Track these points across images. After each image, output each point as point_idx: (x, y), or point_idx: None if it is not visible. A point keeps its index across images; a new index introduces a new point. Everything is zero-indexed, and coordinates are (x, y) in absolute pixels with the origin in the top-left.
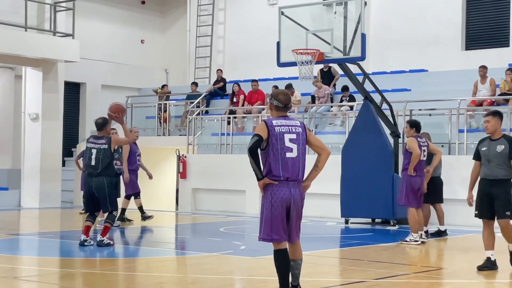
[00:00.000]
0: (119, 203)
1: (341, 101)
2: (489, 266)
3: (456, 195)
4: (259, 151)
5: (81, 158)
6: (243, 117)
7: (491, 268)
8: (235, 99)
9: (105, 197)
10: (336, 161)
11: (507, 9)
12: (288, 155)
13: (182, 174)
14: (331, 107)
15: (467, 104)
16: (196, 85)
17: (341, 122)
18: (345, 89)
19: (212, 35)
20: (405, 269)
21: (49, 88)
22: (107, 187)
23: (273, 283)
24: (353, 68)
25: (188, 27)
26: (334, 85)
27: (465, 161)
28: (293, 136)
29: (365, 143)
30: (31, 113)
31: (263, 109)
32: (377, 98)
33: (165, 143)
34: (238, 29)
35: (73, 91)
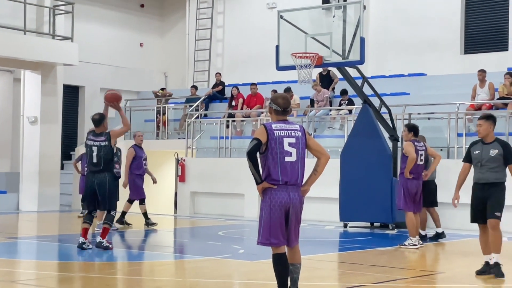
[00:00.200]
0: (119, 205)
1: (340, 104)
2: (487, 270)
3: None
4: (258, 155)
5: (80, 162)
6: (242, 120)
7: (490, 273)
8: (234, 103)
9: (106, 193)
10: (335, 165)
11: (505, 13)
12: (287, 159)
13: (181, 177)
14: (330, 110)
15: (465, 108)
16: (196, 88)
17: (340, 125)
18: (344, 92)
19: (211, 38)
20: (404, 273)
21: (48, 91)
22: (109, 183)
23: (271, 287)
24: (352, 72)
25: (187, 30)
26: (333, 88)
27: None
28: (293, 140)
29: (364, 147)
30: (29, 116)
31: (262, 112)
32: (376, 102)
33: (163, 146)
34: (237, 32)
35: (72, 94)
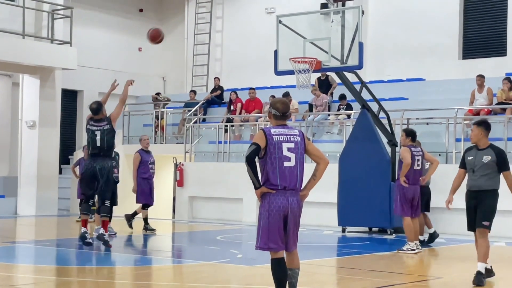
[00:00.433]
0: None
1: (339, 109)
2: (485, 276)
3: (453, 204)
4: (257, 159)
5: (78, 166)
6: (240, 125)
7: (488, 276)
8: (232, 107)
9: (107, 180)
10: (333, 169)
11: (504, 18)
12: (286, 164)
13: (179, 182)
14: (329, 115)
15: (464, 113)
16: (195, 93)
17: (339, 130)
18: (342, 97)
19: (209, 43)
20: (402, 278)
21: (46, 96)
22: (110, 170)
23: None
24: (351, 77)
25: (186, 35)
26: (332, 93)
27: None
28: (291, 145)
29: (362, 151)
30: (28, 121)
31: (260, 117)
32: (374, 106)
33: (162, 151)
34: (236, 37)
35: (70, 98)
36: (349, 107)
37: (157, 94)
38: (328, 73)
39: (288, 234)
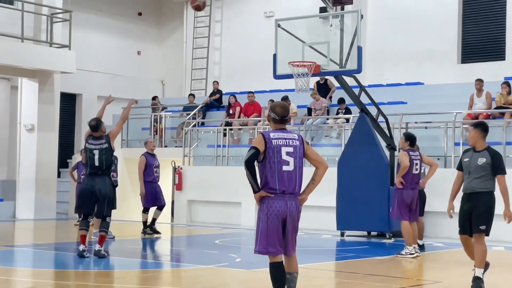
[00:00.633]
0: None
1: (337, 113)
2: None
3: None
4: (256, 163)
5: (76, 170)
6: (239, 129)
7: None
8: (231, 111)
9: (106, 197)
10: (332, 173)
11: (502, 22)
12: (285, 168)
13: (178, 185)
14: (327, 119)
15: (463, 117)
16: (194, 96)
17: (337, 134)
18: (341, 101)
19: (208, 47)
20: (401, 282)
21: (45, 99)
22: (109, 187)
23: None
24: (349, 81)
25: (185, 38)
26: (330, 97)
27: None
28: (290, 149)
29: (361, 155)
30: (26, 124)
31: (259, 121)
32: (373, 110)
33: (160, 154)
34: (235, 41)
35: (69, 102)
36: (348, 111)
37: (153, 98)
38: (327, 77)
39: (286, 238)
